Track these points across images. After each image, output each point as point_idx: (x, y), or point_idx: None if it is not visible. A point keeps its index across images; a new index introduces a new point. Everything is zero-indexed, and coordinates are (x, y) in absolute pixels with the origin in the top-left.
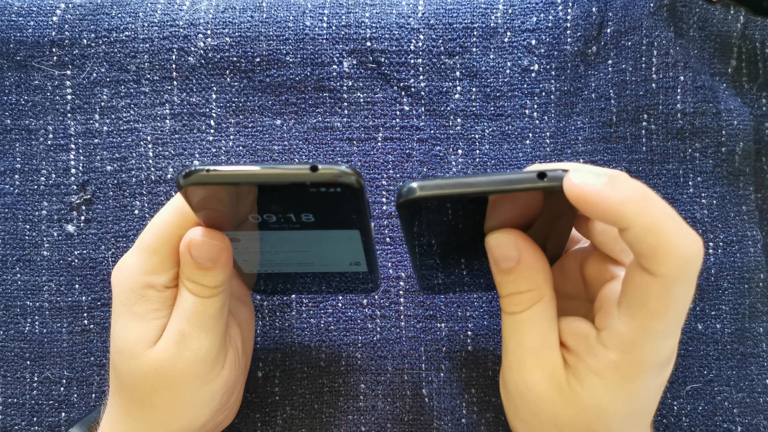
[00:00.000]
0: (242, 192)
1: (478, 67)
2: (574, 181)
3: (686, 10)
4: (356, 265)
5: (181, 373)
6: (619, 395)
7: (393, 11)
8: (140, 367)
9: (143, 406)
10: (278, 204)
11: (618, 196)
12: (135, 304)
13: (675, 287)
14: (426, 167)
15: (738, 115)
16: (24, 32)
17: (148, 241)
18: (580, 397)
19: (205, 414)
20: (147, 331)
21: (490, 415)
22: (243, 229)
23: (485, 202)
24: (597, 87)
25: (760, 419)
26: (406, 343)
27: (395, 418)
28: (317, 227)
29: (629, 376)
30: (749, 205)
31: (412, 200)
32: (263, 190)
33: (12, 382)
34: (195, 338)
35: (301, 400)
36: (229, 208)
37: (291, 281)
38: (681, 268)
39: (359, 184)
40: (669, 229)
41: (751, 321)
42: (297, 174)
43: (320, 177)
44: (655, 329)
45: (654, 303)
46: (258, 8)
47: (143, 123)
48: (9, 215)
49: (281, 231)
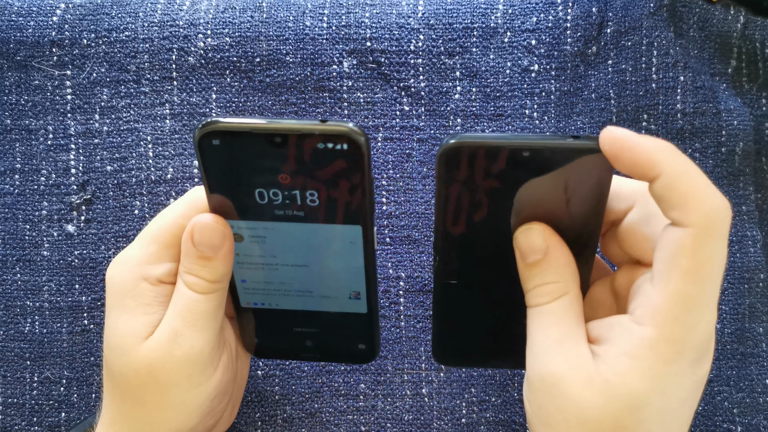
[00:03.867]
0: (253, 149)
1: (478, 68)
2: (611, 130)
3: (686, 10)
4: (356, 299)
5: (172, 372)
6: (653, 380)
7: (393, 11)
8: (130, 363)
9: (134, 404)
10: (286, 168)
11: (651, 144)
12: (126, 296)
13: (707, 240)
14: (426, 167)
15: (738, 116)
16: (24, 32)
17: (149, 229)
18: (611, 385)
19: (194, 417)
20: (137, 326)
21: (490, 415)
22: (249, 218)
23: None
24: (597, 87)
25: (760, 419)
26: (406, 343)
27: (395, 418)
28: (321, 217)
29: (664, 356)
30: (749, 205)
31: (454, 146)
32: (273, 147)
33: (12, 382)
34: (188, 337)
35: (300, 399)
36: (239, 173)
37: (289, 332)
38: (713, 217)
39: (365, 142)
40: (700, 177)
41: (751, 321)
42: (307, 125)
43: (329, 129)
44: (690, 293)
45: (687, 261)
46: (258, 8)
47: (143, 123)
48: (9, 215)
49: (286, 223)
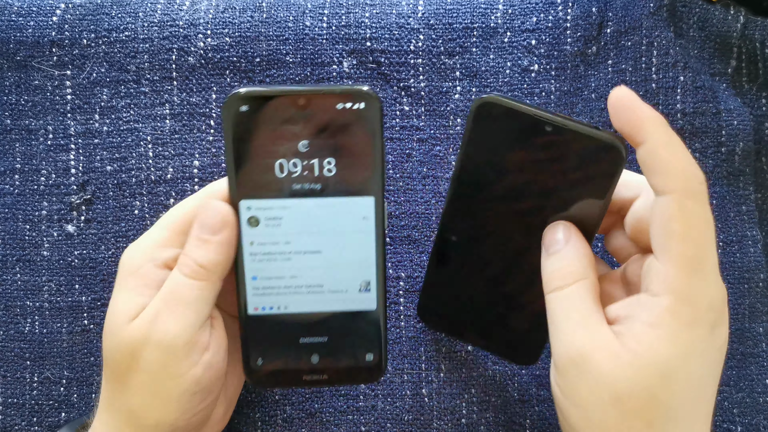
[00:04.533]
0: (279, 113)
1: (478, 68)
2: (621, 89)
3: (686, 10)
4: (366, 292)
5: (149, 356)
6: (678, 346)
7: (393, 11)
8: (116, 343)
9: (119, 387)
10: (307, 132)
11: (646, 112)
12: (129, 276)
13: (689, 204)
14: (426, 167)
15: (738, 115)
16: (24, 32)
17: (164, 216)
18: (639, 356)
19: (172, 410)
20: (131, 305)
21: (490, 415)
22: (267, 196)
23: (539, 141)
24: (597, 87)
25: (760, 419)
26: (406, 343)
27: (395, 418)
28: (336, 188)
29: (684, 319)
30: (749, 205)
31: (486, 100)
32: (297, 110)
33: (12, 382)
34: (163, 321)
35: (301, 400)
36: (263, 141)
37: (295, 345)
38: (692, 182)
39: (379, 101)
40: (680, 148)
41: (751, 321)
42: (327, 87)
43: (347, 89)
44: (691, 255)
45: (677, 224)
46: (258, 8)
47: (143, 123)
48: (9, 215)
49: (302, 200)
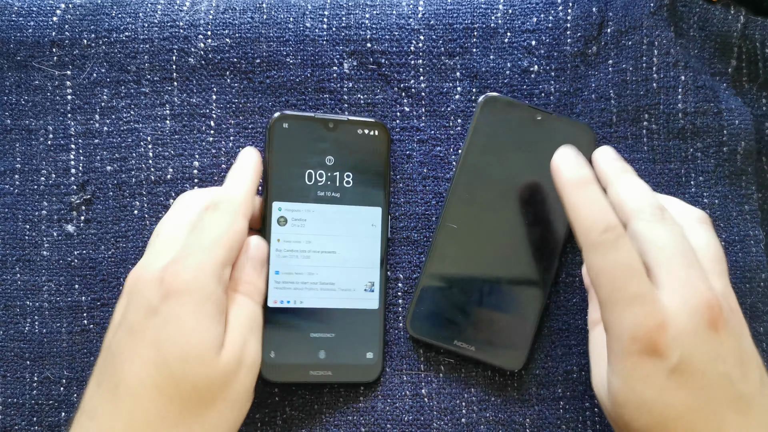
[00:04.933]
0: (311, 133)
1: (479, 68)
2: (558, 153)
3: (686, 10)
4: (370, 292)
5: (243, 378)
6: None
7: (393, 12)
8: (208, 373)
9: (198, 414)
10: (333, 150)
11: (562, 176)
12: (207, 303)
13: (588, 253)
14: (426, 168)
15: (739, 115)
16: (24, 32)
17: (208, 227)
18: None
19: (240, 422)
20: (214, 335)
21: (490, 415)
22: (297, 200)
23: (531, 129)
24: (597, 87)
25: None
26: (405, 344)
27: (395, 418)
28: (352, 198)
29: (616, 355)
30: (751, 204)
31: (491, 96)
32: (326, 131)
33: (12, 382)
34: (250, 347)
35: (301, 400)
36: (298, 153)
37: (306, 340)
38: (590, 235)
39: (388, 132)
40: (586, 204)
41: (753, 321)
42: (352, 117)
43: (366, 120)
44: (603, 299)
45: (589, 274)
46: (258, 9)
47: (143, 123)
48: (9, 215)
49: (324, 205)
